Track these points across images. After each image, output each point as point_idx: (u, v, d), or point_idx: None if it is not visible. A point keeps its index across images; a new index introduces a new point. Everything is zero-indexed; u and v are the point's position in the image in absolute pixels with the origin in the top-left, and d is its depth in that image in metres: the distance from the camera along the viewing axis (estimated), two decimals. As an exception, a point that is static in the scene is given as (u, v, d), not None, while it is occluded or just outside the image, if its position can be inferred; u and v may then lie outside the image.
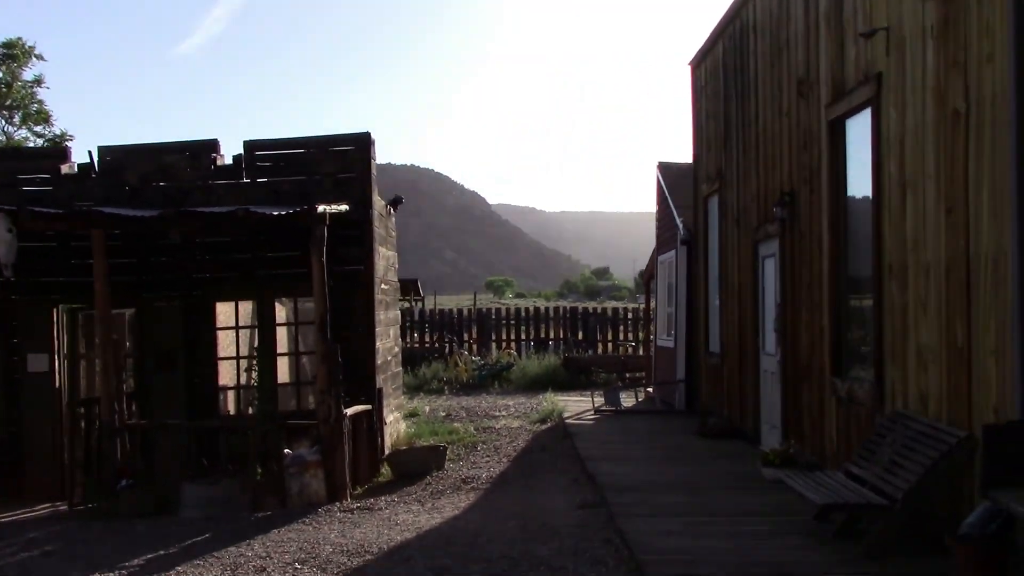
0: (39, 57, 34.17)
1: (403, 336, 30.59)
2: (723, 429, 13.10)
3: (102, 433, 10.55)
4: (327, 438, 10.33)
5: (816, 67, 9.77)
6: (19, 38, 33.23)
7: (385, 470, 12.12)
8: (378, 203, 13.24)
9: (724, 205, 13.88)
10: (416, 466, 11.84)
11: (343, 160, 12.47)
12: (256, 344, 12.67)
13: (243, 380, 12.84)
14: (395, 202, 14.97)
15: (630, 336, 30.20)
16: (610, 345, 29.71)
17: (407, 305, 37.77)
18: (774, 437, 11.32)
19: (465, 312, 31.71)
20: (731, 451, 11.80)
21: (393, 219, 15.25)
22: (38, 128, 32.74)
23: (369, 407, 12.14)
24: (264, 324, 12.43)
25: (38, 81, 34.88)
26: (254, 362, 12.65)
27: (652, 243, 20.90)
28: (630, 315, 30.99)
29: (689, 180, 18.16)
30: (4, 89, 33.45)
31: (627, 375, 24.22)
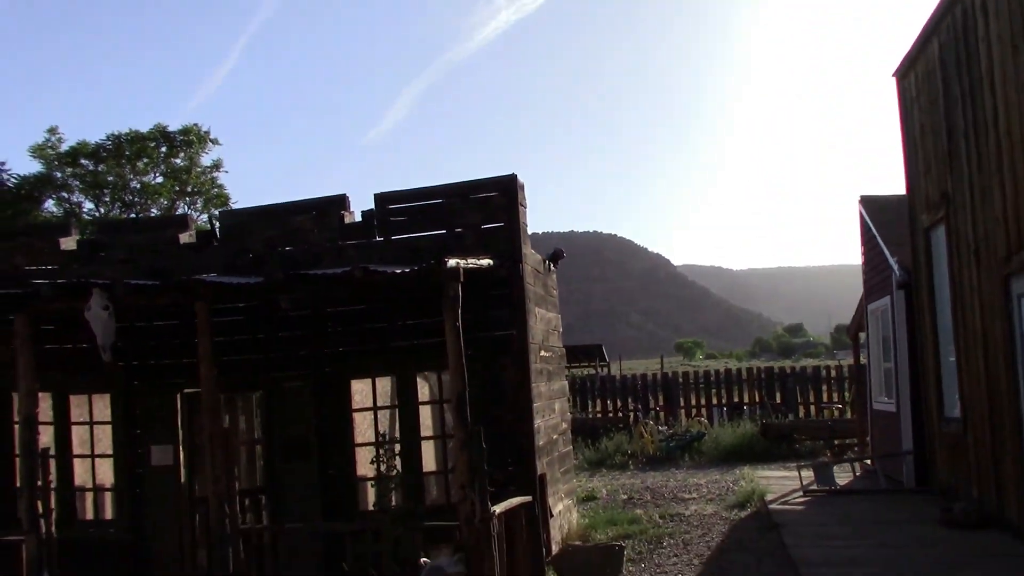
0: (215, 142, 34.76)
1: (584, 406, 28.72)
2: (975, 517, 10.33)
3: (211, 540, 8.99)
4: (471, 544, 8.38)
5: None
6: (195, 124, 33.90)
7: (551, 574, 10.07)
8: (531, 257, 11.39)
9: (954, 235, 11.25)
10: (587, 572, 9.73)
11: (486, 209, 10.72)
12: (396, 427, 10.96)
13: (384, 469, 11.11)
14: (555, 257, 13.08)
15: (835, 397, 27.06)
16: (812, 408, 26.65)
17: (592, 371, 36.03)
18: (1054, 531, 8.58)
19: (651, 377, 29.31)
20: (995, 550, 9.07)
21: (554, 276, 13.37)
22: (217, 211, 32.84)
23: (528, 499, 10.16)
24: (404, 403, 10.71)
25: (216, 166, 35.49)
26: (396, 448, 10.92)
27: (846, 296, 18.24)
28: (833, 373, 27.84)
29: (899, 214, 15.48)
30: (184, 176, 34.12)
31: (835, 443, 21.25)
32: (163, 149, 32.94)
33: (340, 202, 11.06)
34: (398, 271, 8.62)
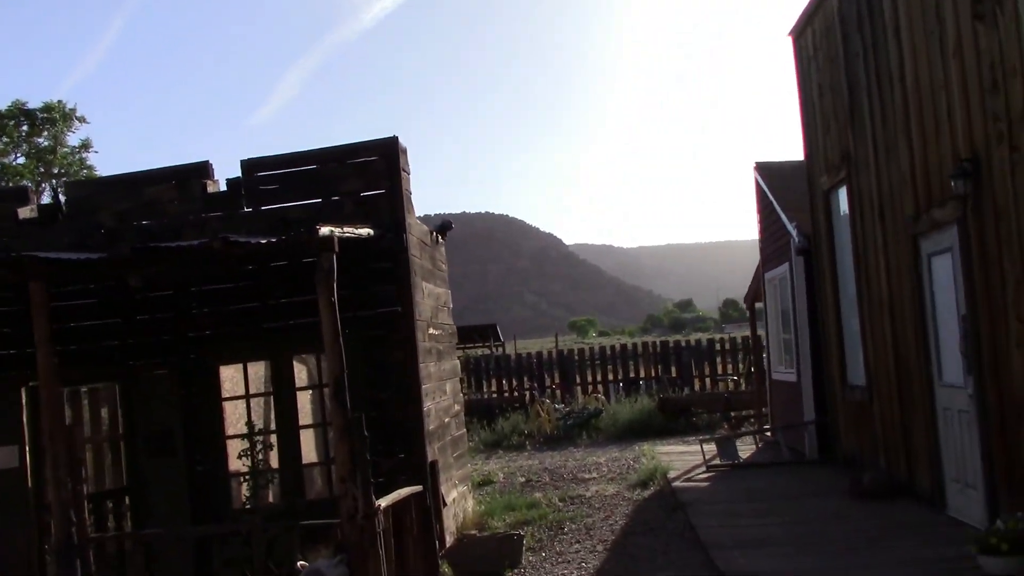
0: (81, 119, 32.69)
1: (480, 386, 28.02)
2: (884, 487, 9.96)
3: (56, 553, 7.91)
4: (353, 542, 7.52)
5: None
6: (59, 101, 31.79)
7: (446, 571, 9.29)
8: (417, 227, 10.54)
9: (857, 196, 10.84)
10: (484, 565, 8.98)
11: (366, 176, 9.82)
12: (272, 416, 10.01)
13: (258, 462, 10.14)
14: (443, 228, 12.24)
15: (730, 369, 27.00)
16: (708, 381, 26.53)
17: (487, 351, 35.34)
18: (970, 500, 8.18)
19: (546, 355, 28.77)
20: (907, 521, 8.65)
21: (442, 249, 12.54)
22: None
23: (418, 488, 9.34)
24: (280, 390, 9.75)
25: (85, 146, 33.42)
26: (271, 439, 9.97)
27: (734, 271, 17.99)
28: (727, 345, 27.78)
29: (796, 180, 15.11)
30: (49, 156, 31.97)
31: (732, 415, 21.02)
32: (24, 128, 30.80)
33: (201, 170, 10.00)
34: (263, 241, 7.66)
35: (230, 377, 9.95)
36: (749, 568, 7.37)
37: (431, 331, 10.80)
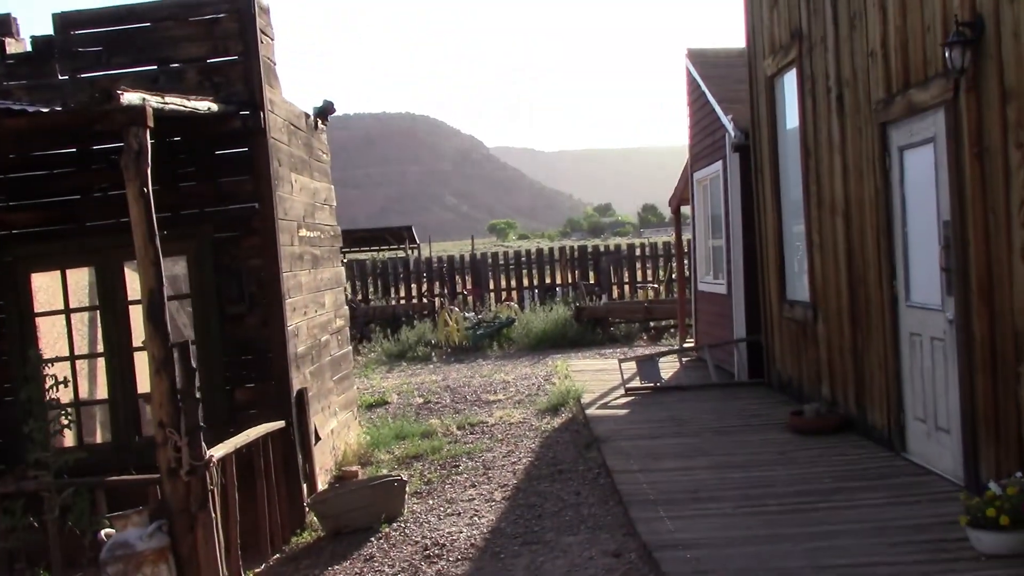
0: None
1: (387, 291, 26.24)
2: (829, 421, 8.60)
3: None
4: (175, 506, 5.84)
5: None
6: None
7: (312, 519, 7.70)
8: (283, 107, 8.63)
9: (809, 81, 9.21)
10: (358, 516, 7.39)
11: (213, 38, 7.84)
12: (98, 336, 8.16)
13: (86, 392, 8.32)
14: (324, 112, 10.32)
15: (650, 277, 25.71)
16: (627, 288, 25.22)
17: (402, 255, 33.44)
18: (940, 446, 6.82)
19: (459, 259, 27.07)
20: (864, 468, 7.25)
21: (324, 137, 10.64)
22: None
23: (280, 425, 7.68)
24: (109, 303, 7.88)
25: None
26: (100, 363, 8.13)
27: (656, 177, 16.38)
28: (648, 251, 26.42)
29: (732, 69, 13.49)
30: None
31: (652, 325, 19.76)
32: None
33: (1, 25, 7.91)
34: (44, 110, 5.73)
35: (45, 287, 8.04)
36: (678, 536, 5.87)
37: (303, 233, 8.99)
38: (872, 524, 5.88)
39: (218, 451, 6.25)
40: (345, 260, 31.66)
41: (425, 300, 24.63)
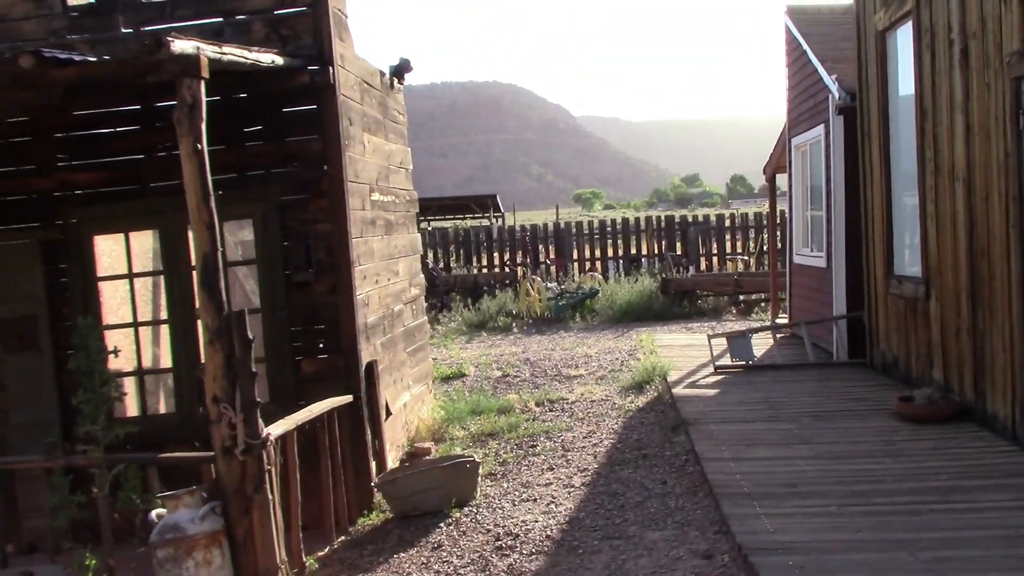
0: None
1: (469, 260, 25.82)
2: (943, 409, 7.83)
3: None
4: (230, 486, 5.44)
5: None
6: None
7: (381, 502, 7.28)
8: (356, 63, 8.15)
9: (927, 34, 8.37)
10: (427, 499, 6.94)
11: (282, -13, 7.39)
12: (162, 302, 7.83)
13: (150, 360, 8.02)
14: (400, 70, 9.84)
15: (739, 248, 24.77)
16: (715, 261, 24.33)
17: (487, 223, 32.99)
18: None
19: (542, 228, 26.46)
20: (985, 463, 6.52)
21: (400, 96, 10.17)
22: None
23: (347, 399, 7.26)
24: (173, 268, 7.53)
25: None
26: (164, 330, 7.81)
27: (743, 148, 15.56)
28: (738, 222, 25.44)
29: (835, 28, 12.64)
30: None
31: (742, 299, 18.94)
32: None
33: (64, -25, 7.56)
34: (92, 59, 5.32)
35: (108, 251, 7.73)
36: (777, 538, 5.26)
37: (376, 196, 8.53)
38: (999, 531, 5.18)
39: (277, 428, 5.85)
40: (429, 227, 31.55)
41: (507, 269, 24.14)
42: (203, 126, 5.43)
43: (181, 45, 5.20)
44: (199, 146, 5.40)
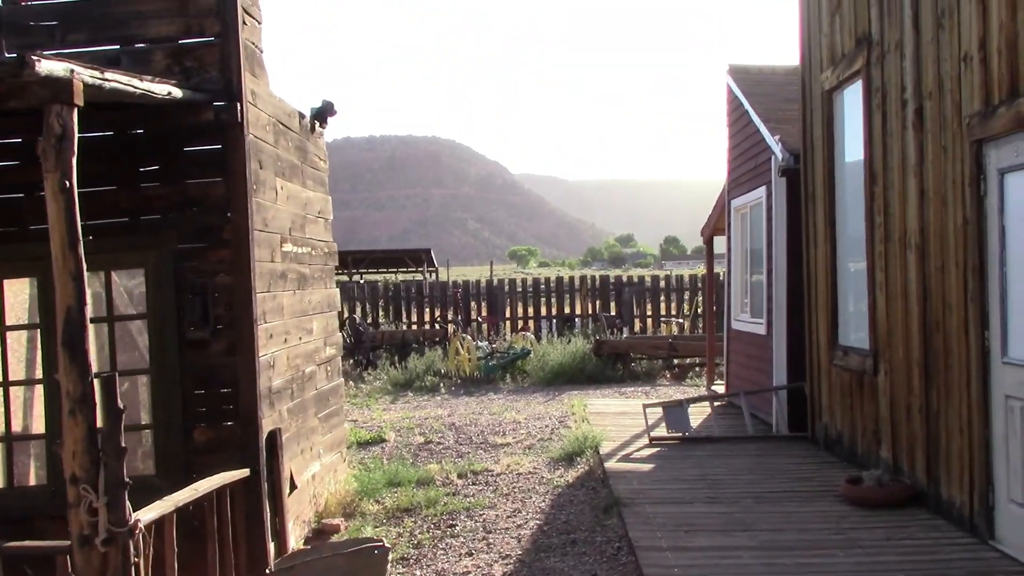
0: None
1: (398, 316, 25.02)
2: (895, 493, 7.28)
3: None
4: (86, 583, 4.61)
5: None
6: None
7: (277, 589, 6.44)
8: (270, 101, 7.48)
9: (879, 93, 7.97)
10: (327, 589, 6.15)
11: (187, 15, 6.71)
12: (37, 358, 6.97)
13: (20, 425, 7.13)
14: (323, 113, 9.19)
15: (674, 310, 24.39)
16: (649, 321, 23.90)
17: (420, 277, 32.24)
18: (1045, 537, 5.51)
19: (474, 284, 25.83)
20: (943, 558, 5.94)
21: (322, 142, 9.50)
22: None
23: (243, 473, 6.46)
24: (52, 320, 6.70)
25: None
26: (38, 390, 6.94)
27: (678, 210, 15.21)
28: (673, 283, 25.09)
29: (777, 89, 12.34)
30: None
31: (676, 362, 18.45)
32: None
33: (-60, -9, 6.81)
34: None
35: (-21, 300, 6.87)
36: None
37: (288, 247, 7.81)
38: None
39: (150, 512, 5.03)
40: (361, 279, 30.72)
41: (438, 326, 23.41)
42: (73, 160, 4.70)
43: (50, 66, 4.49)
44: (67, 183, 4.66)
